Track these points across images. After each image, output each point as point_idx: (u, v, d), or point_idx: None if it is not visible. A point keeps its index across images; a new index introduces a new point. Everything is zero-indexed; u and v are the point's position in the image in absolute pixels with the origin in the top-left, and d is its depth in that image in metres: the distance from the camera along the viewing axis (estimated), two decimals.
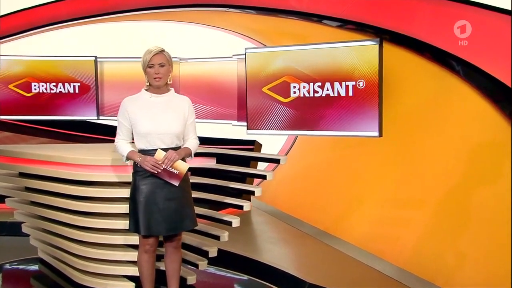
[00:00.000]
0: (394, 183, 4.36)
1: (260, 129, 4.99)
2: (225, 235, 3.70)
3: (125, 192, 3.55)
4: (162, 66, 3.00)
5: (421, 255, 3.92)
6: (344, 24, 4.52)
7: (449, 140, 3.80)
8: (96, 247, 3.69)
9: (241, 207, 3.69)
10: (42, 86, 6.54)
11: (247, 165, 5.10)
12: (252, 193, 3.69)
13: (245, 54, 5.02)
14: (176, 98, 3.12)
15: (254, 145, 5.98)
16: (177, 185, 3.01)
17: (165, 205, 3.03)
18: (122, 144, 3.10)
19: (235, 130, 5.91)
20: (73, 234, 3.77)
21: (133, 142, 3.14)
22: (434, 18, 3.75)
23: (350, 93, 4.48)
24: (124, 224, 3.45)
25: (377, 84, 4.29)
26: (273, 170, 5.97)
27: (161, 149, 2.99)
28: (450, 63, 3.68)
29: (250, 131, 5.08)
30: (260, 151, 6.02)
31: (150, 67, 3.00)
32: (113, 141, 3.17)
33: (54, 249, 4.08)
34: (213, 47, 6.43)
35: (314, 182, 5.47)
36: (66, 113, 6.61)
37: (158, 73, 2.99)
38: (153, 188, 3.02)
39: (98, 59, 6.61)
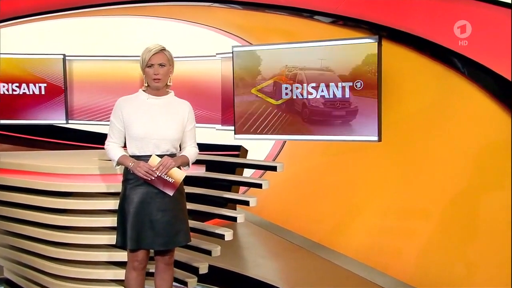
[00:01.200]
0: (395, 190, 4.38)
1: (249, 134, 4.99)
2: (217, 250, 3.65)
3: (109, 204, 3.55)
4: (162, 66, 2.97)
5: (425, 269, 3.94)
6: (338, 20, 4.54)
7: (454, 144, 3.84)
8: (75, 265, 3.61)
9: (233, 219, 3.65)
10: (4, 87, 6.40)
11: (232, 172, 5.10)
12: (247, 203, 3.66)
13: (233, 52, 5.02)
14: (176, 102, 3.10)
15: (240, 150, 5.93)
16: (171, 194, 2.98)
17: (157, 216, 2.98)
18: (113, 147, 3.06)
19: (220, 134, 5.88)
20: (48, 250, 3.68)
21: (125, 148, 3.10)
22: (436, 13, 3.80)
23: (347, 95, 4.50)
24: (108, 239, 3.39)
25: (376, 85, 4.32)
26: (260, 177, 5.96)
27: (156, 155, 2.95)
28: (454, 62, 3.73)
29: (238, 136, 5.07)
30: (246, 157, 5.99)
31: (149, 66, 2.97)
32: (85, 148, 3.11)
33: (23, 268, 3.97)
34: (194, 45, 6.40)
35: (307, 190, 5.47)
36: (31, 117, 6.49)
37: (157, 73, 2.96)
38: (144, 197, 2.98)
39: (67, 58, 6.53)
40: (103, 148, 3.18)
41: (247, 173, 5.97)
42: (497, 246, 3.42)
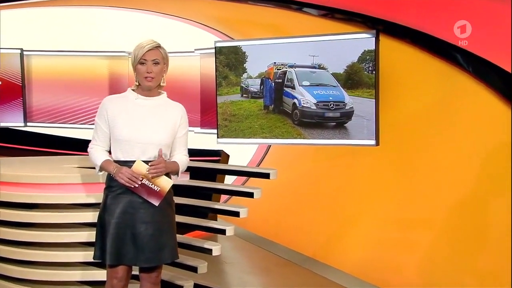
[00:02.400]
0: (395, 199, 4.39)
1: (233, 138, 4.99)
2: (203, 266, 3.62)
3: (83, 217, 3.52)
4: (156, 64, 2.96)
5: (430, 284, 3.95)
6: (330, 12, 4.56)
7: (458, 147, 3.87)
8: (43, 286, 3.54)
9: (222, 231, 3.63)
10: None
11: (213, 179, 5.07)
12: (236, 214, 3.65)
13: (215, 48, 5.01)
14: (168, 104, 3.09)
15: (221, 156, 5.91)
16: (156, 204, 2.95)
17: (140, 229, 2.95)
18: (97, 151, 3.03)
19: (198, 138, 5.77)
20: (11, 270, 3.63)
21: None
22: (438, 6, 3.83)
23: (342, 95, 4.52)
24: (83, 256, 3.33)
25: (373, 84, 4.34)
26: (243, 183, 5.94)
27: (142, 161, 2.92)
28: (457, 58, 3.76)
29: (221, 140, 5.07)
30: (227, 163, 5.96)
31: (142, 63, 2.95)
32: (46, 154, 3.06)
33: None
34: (170, 40, 6.15)
35: (296, 199, 5.46)
36: None
37: (150, 71, 2.94)
38: (127, 207, 2.95)
39: (25, 53, 6.45)
40: (70, 154, 3.13)
41: (228, 181, 5.95)
42: (508, 258, 3.45)
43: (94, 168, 3.06)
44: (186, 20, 6.19)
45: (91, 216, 3.12)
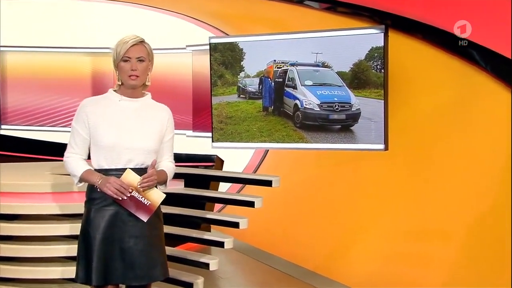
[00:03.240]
0: (405, 208, 4.36)
1: (229, 142, 4.99)
2: (199, 282, 3.58)
3: (63, 229, 3.49)
4: (141, 61, 2.92)
5: None
6: (334, 6, 4.56)
7: (476, 153, 3.84)
8: None
9: (219, 244, 3.59)
10: None
11: (206, 187, 5.04)
12: (235, 225, 3.62)
13: (210, 44, 5.01)
14: (154, 106, 3.06)
15: (214, 161, 5.87)
16: (145, 220, 2.90)
17: (129, 243, 2.91)
18: (75, 160, 2.96)
19: (190, 143, 5.85)
20: None
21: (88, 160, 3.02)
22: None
23: (347, 95, 4.52)
24: (61, 272, 3.26)
25: (381, 84, 4.33)
26: (238, 191, 5.90)
27: (131, 169, 2.87)
28: (473, 55, 3.75)
29: (216, 144, 5.06)
30: (221, 169, 5.92)
31: (125, 60, 2.91)
32: (22, 159, 3.00)
33: None
34: (159, 36, 6.23)
35: (298, 208, 5.43)
36: None
37: (135, 69, 2.90)
38: (113, 221, 2.90)
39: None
40: (50, 160, 3.07)
41: (221, 188, 5.93)
42: None
43: None
44: (177, 14, 6.17)
45: (69, 228, 3.06)
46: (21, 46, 6.48)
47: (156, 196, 2.89)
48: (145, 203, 2.87)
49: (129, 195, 2.84)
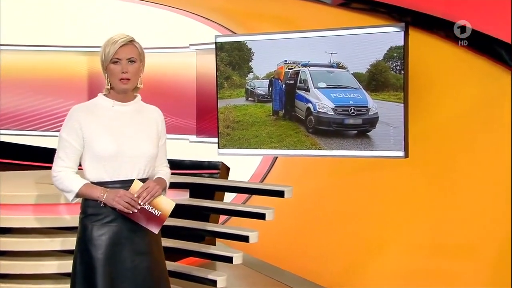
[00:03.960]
0: (427, 222, 4.33)
1: (237, 148, 4.98)
2: None
3: (53, 244, 3.48)
4: (132, 62, 2.87)
5: None
6: (350, 2, 4.56)
7: (505, 161, 3.79)
8: None
9: (227, 259, 3.56)
10: None
11: (212, 197, 5.02)
12: (245, 238, 3.61)
13: (216, 43, 5.00)
14: (145, 109, 3.03)
15: (219, 169, 5.84)
16: (156, 232, 2.88)
17: (135, 262, 2.88)
18: (68, 174, 2.90)
19: (193, 149, 5.86)
20: None
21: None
22: None
23: (364, 99, 4.51)
24: None
25: (401, 86, 4.32)
26: (244, 202, 5.92)
27: (138, 180, 2.85)
28: (502, 55, 3.73)
29: (222, 151, 5.04)
30: (227, 177, 5.90)
31: (114, 62, 2.86)
32: (13, 167, 2.96)
33: None
34: (160, 34, 6.34)
35: (310, 220, 5.39)
36: None
37: (126, 71, 2.85)
38: (117, 238, 2.86)
39: None
40: (42, 167, 3.03)
41: (227, 199, 5.92)
42: None
43: None
44: (179, 11, 6.16)
45: (67, 242, 3.04)
46: (11, 44, 6.46)
47: (166, 205, 2.87)
48: (156, 213, 2.84)
49: (139, 208, 2.82)
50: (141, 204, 2.81)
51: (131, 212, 2.81)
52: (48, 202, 3.43)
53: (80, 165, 2.93)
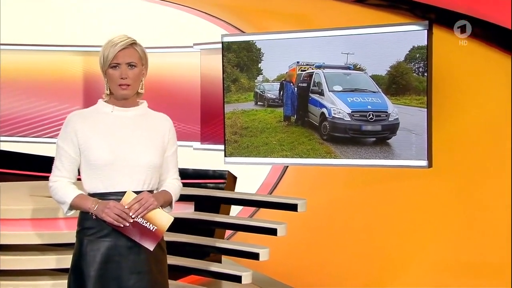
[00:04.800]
0: (453, 237, 4.32)
1: (245, 156, 5.00)
2: None
3: (49, 262, 3.47)
4: (133, 67, 2.84)
5: None
6: None
7: None
8: None
9: (237, 279, 3.52)
10: None
11: (216, 210, 5.01)
12: (255, 256, 3.55)
13: (222, 43, 4.99)
14: (152, 115, 3.00)
15: (226, 178, 5.82)
16: (151, 249, 2.83)
17: (130, 281, 2.83)
18: (63, 185, 2.89)
19: (198, 156, 5.84)
20: None
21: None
22: None
23: (384, 103, 4.51)
24: None
25: (424, 89, 4.30)
26: (251, 215, 5.90)
27: (132, 192, 2.81)
28: None
29: (229, 159, 5.05)
30: (234, 187, 5.88)
31: (114, 67, 2.84)
32: (20, 177, 2.95)
33: None
34: (163, 32, 6.34)
35: (323, 235, 5.39)
36: None
37: (125, 77, 2.83)
38: (110, 254, 2.83)
39: None
40: (34, 177, 3.00)
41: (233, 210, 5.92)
42: None
43: None
44: (182, 7, 6.18)
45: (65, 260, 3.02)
46: (15, 44, 6.51)
47: (163, 219, 2.82)
48: (151, 228, 2.80)
49: (131, 221, 2.78)
50: (133, 217, 2.78)
51: (122, 225, 2.78)
52: (45, 216, 3.41)
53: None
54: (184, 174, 5.72)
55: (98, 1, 6.65)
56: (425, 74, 4.29)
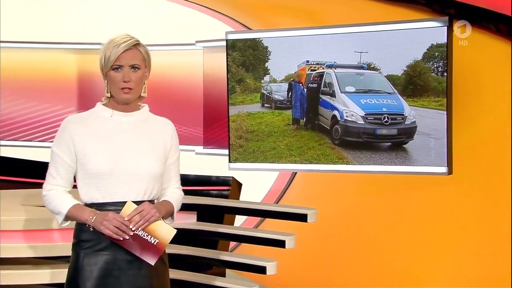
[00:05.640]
0: (475, 250, 4.30)
1: (251, 162, 5.01)
2: None
3: (42, 276, 3.47)
4: (136, 69, 2.84)
5: None
6: None
7: None
8: None
9: None
10: None
11: (220, 219, 5.00)
12: (262, 270, 3.51)
13: (226, 41, 5.01)
14: (153, 120, 3.00)
15: (230, 185, 5.82)
16: (153, 263, 2.82)
17: None
18: (58, 194, 2.88)
19: (200, 161, 5.82)
20: None
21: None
22: None
23: (400, 105, 4.50)
24: None
25: (444, 90, 4.30)
26: (256, 225, 5.86)
27: (132, 202, 2.80)
28: None
29: (234, 165, 5.05)
30: (239, 194, 5.87)
31: (116, 69, 2.83)
32: (9, 184, 2.94)
33: None
34: (162, 29, 6.31)
35: (334, 247, 5.36)
36: None
37: (128, 80, 2.82)
38: (109, 269, 2.82)
39: None
40: (25, 183, 2.98)
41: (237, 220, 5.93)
42: None
43: None
44: (184, 2, 6.18)
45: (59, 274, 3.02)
46: (16, 41, 6.52)
47: (165, 232, 2.81)
48: (152, 242, 2.79)
49: (131, 234, 2.77)
50: (133, 229, 2.77)
51: (121, 238, 2.77)
52: (38, 227, 3.41)
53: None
54: (186, 180, 5.70)
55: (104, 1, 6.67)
56: (445, 74, 4.29)
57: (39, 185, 3.02)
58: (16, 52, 6.47)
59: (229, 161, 5.07)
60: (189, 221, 3.80)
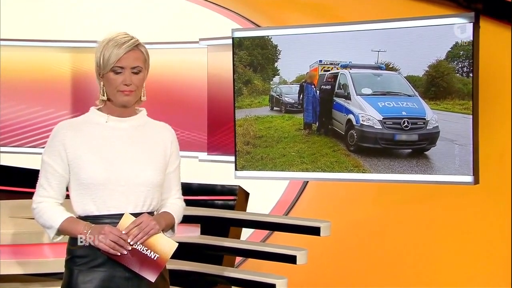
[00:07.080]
0: (504, 264, 4.30)
1: (259, 170, 5.03)
2: None
3: None
4: (137, 72, 2.85)
5: None
6: None
7: None
8: None
9: None
10: None
11: (225, 232, 5.01)
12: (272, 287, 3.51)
13: (233, 39, 5.03)
14: (152, 126, 3.01)
15: (236, 195, 5.83)
16: (153, 280, 2.81)
17: None
18: (49, 206, 2.88)
19: (204, 169, 5.84)
20: None
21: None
22: None
23: (421, 109, 4.51)
24: None
25: (470, 93, 4.30)
26: (264, 239, 5.86)
27: (130, 214, 2.81)
28: None
29: (241, 173, 5.06)
30: (246, 204, 5.88)
31: (116, 71, 2.84)
32: (7, 194, 2.92)
33: None
34: (164, 26, 6.33)
35: (350, 261, 5.37)
36: None
37: (129, 83, 2.83)
38: (106, 287, 2.82)
39: None
40: (14, 192, 2.99)
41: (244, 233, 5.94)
42: None
43: None
44: None
45: None
46: (16, 39, 6.58)
47: (166, 246, 2.82)
48: (152, 256, 2.79)
49: (130, 248, 2.77)
50: (132, 243, 2.77)
51: (119, 254, 2.77)
52: (27, 242, 3.43)
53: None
54: (188, 189, 5.74)
55: None
56: (470, 74, 4.29)
57: (30, 195, 3.03)
58: (6, 52, 6.48)
59: (235, 169, 5.09)
60: (192, 234, 3.79)
